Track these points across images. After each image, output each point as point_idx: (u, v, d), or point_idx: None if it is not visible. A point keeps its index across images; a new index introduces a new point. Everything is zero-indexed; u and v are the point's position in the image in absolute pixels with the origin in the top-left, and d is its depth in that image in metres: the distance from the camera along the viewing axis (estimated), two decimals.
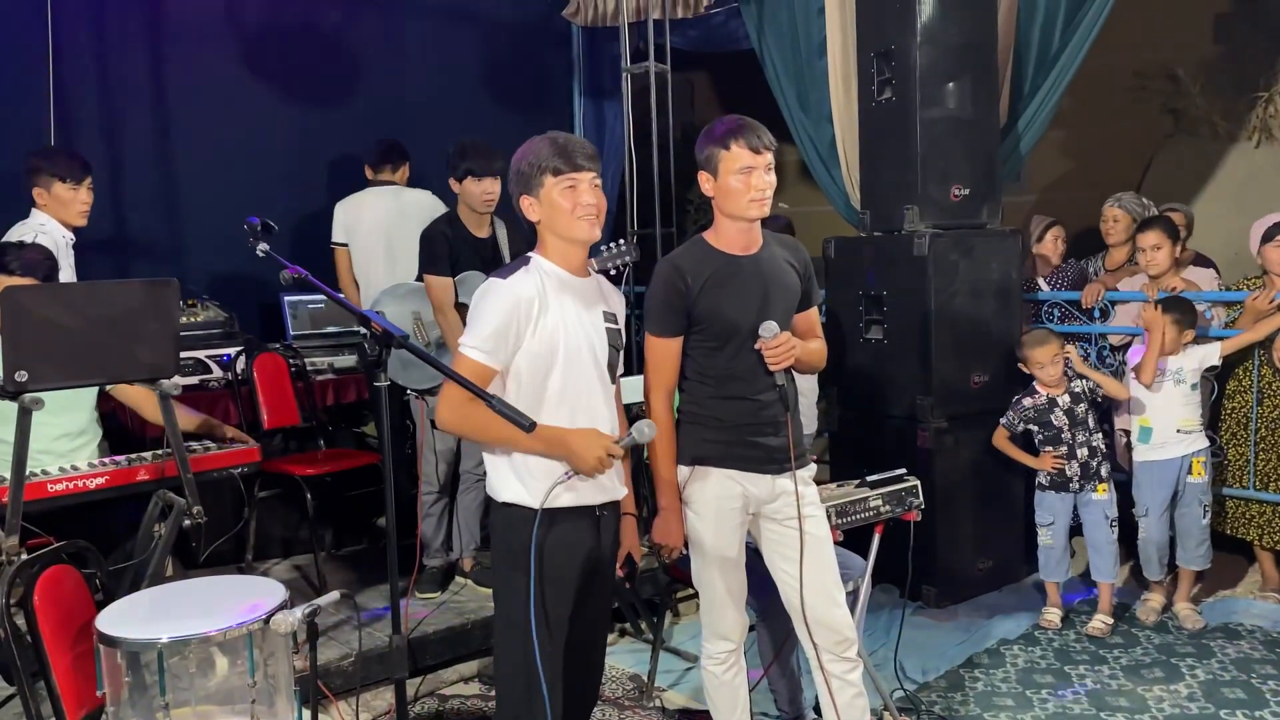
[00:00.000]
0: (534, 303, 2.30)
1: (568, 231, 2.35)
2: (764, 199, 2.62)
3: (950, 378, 4.37)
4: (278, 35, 5.57)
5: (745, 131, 2.60)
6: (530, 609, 2.26)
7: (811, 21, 5.28)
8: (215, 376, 4.53)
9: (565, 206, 2.32)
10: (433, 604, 4.09)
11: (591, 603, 2.49)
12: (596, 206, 2.35)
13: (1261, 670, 3.68)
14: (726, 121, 2.64)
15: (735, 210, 2.64)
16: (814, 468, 2.90)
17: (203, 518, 2.86)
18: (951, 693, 3.62)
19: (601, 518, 2.45)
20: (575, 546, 2.39)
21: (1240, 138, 6.62)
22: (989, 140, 4.52)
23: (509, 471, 2.36)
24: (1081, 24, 4.53)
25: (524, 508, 2.33)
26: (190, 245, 5.27)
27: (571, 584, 2.39)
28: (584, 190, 2.33)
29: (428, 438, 4.10)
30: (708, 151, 2.64)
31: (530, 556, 2.27)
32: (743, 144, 2.59)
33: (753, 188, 2.59)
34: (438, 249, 3.97)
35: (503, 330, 2.27)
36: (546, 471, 2.32)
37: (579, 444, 2.29)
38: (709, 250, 2.70)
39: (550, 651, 2.34)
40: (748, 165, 2.58)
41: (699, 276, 2.65)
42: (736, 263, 2.68)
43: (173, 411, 2.87)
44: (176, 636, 2.21)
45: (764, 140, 2.61)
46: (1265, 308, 4.16)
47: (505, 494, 2.37)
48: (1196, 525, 4.08)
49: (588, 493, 2.38)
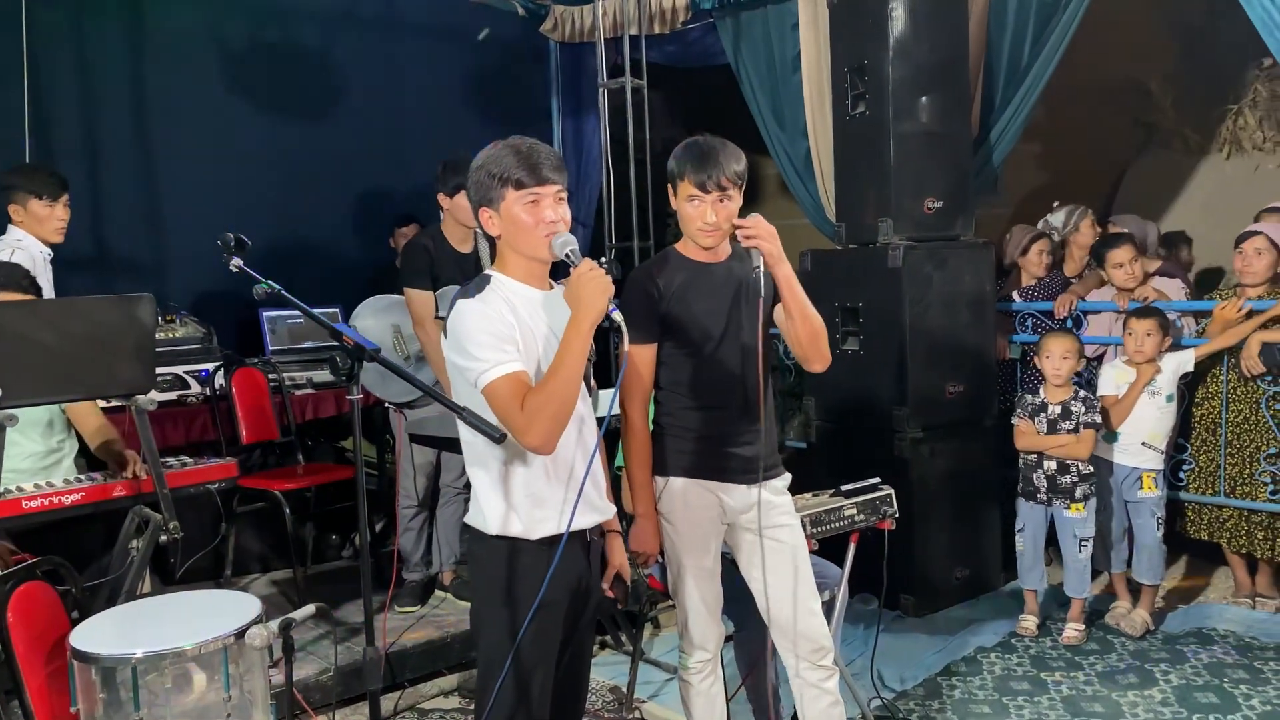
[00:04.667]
0: (506, 318, 2.18)
1: (530, 250, 2.20)
2: (711, 229, 2.59)
3: (925, 388, 4.41)
4: (259, 51, 5.60)
5: (700, 168, 2.54)
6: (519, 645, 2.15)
7: (786, 37, 5.34)
8: (194, 392, 4.53)
9: (528, 223, 2.17)
10: (412, 617, 4.09)
11: (581, 629, 2.39)
12: (561, 222, 2.20)
13: (1234, 675, 3.72)
14: (693, 148, 2.59)
15: (688, 233, 2.67)
16: (788, 477, 2.92)
17: (179, 533, 2.86)
18: (929, 701, 3.64)
19: (592, 543, 2.36)
20: (565, 574, 2.24)
21: (1211, 150, 6.72)
22: (961, 153, 4.57)
23: (500, 501, 2.21)
24: (1050, 38, 4.60)
25: (518, 539, 2.20)
26: (169, 261, 5.28)
27: (561, 614, 2.27)
28: (548, 205, 2.17)
29: (406, 451, 4.11)
30: (670, 169, 2.65)
31: (516, 589, 2.17)
32: (691, 180, 2.56)
33: (699, 217, 2.59)
34: (419, 262, 3.98)
35: (501, 334, 2.12)
36: (541, 500, 2.21)
37: (585, 290, 2.11)
38: (680, 259, 2.72)
39: (541, 687, 2.24)
40: (694, 197, 2.58)
41: (670, 282, 2.66)
42: (705, 270, 2.70)
43: (149, 427, 2.87)
44: (151, 652, 2.21)
45: (714, 179, 2.53)
46: (1233, 316, 4.22)
47: (495, 525, 2.21)
48: (1151, 537, 4.12)
49: (580, 517, 2.21)
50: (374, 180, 6.04)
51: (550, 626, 2.25)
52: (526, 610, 2.17)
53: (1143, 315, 4.15)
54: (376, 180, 6.05)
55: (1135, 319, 4.15)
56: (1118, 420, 4.13)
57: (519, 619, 2.17)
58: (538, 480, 2.22)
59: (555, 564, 2.16)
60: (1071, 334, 4.28)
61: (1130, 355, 4.15)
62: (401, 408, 4.12)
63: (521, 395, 2.08)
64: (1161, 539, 4.15)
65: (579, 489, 2.20)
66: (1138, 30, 6.41)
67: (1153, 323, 4.10)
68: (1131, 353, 4.13)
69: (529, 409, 2.07)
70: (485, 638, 2.28)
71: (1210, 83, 6.56)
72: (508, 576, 2.21)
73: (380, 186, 6.08)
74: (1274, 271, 4.23)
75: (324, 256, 5.85)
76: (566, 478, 2.25)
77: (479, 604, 2.31)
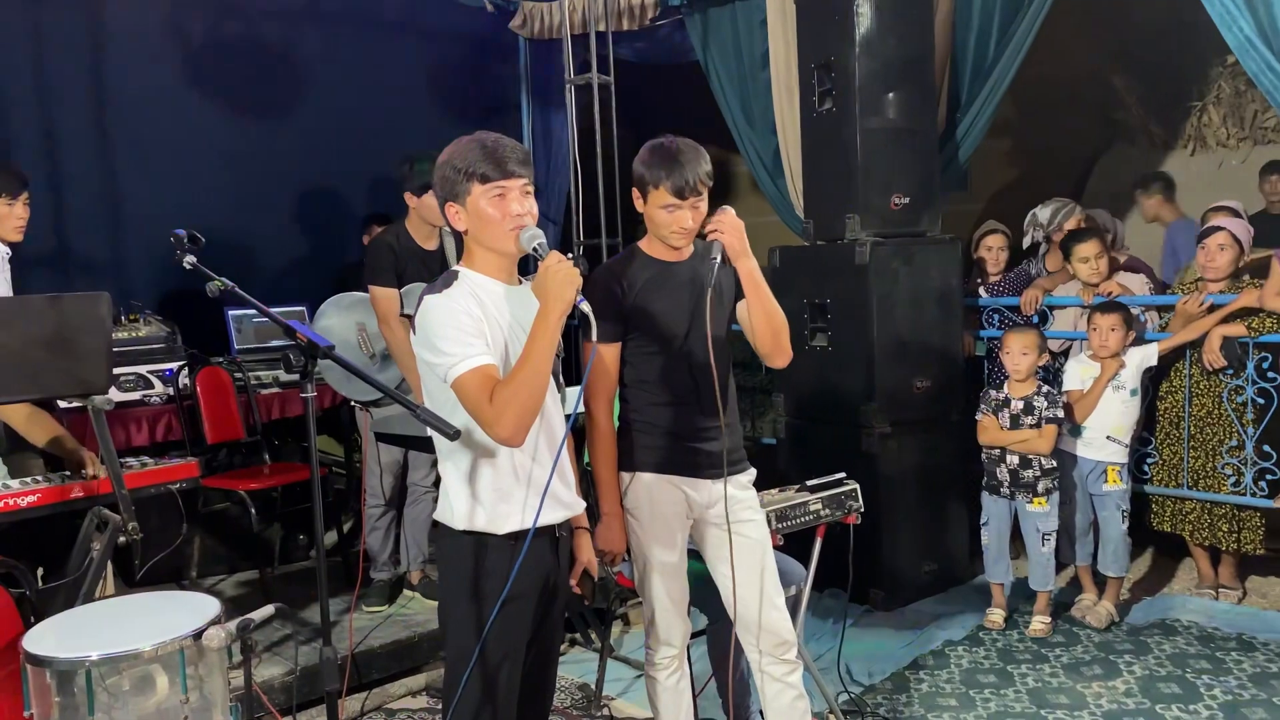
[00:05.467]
0: (473, 312, 2.18)
1: (497, 244, 2.20)
2: (685, 233, 2.62)
3: (893, 384, 4.43)
4: (221, 47, 5.53)
5: (675, 174, 2.54)
6: (485, 640, 2.15)
7: (754, 33, 5.35)
8: (157, 391, 4.48)
9: (494, 217, 2.16)
10: (380, 617, 4.06)
11: (548, 626, 2.38)
12: (528, 216, 2.19)
13: (1196, 665, 3.76)
14: (662, 153, 2.58)
15: (659, 237, 2.68)
16: (753, 472, 2.92)
17: (138, 534, 2.82)
18: (896, 694, 3.66)
19: (560, 539, 2.36)
20: (533, 570, 2.24)
21: (1176, 146, 6.79)
22: (928, 149, 4.59)
23: (468, 496, 2.21)
24: (1015, 35, 4.63)
25: (484, 534, 2.20)
26: (133, 259, 5.21)
27: (529, 610, 2.27)
28: (514, 199, 2.17)
29: (372, 450, 4.08)
30: (639, 175, 2.63)
31: (483, 584, 2.18)
32: (668, 187, 2.56)
33: (675, 223, 2.60)
34: (383, 260, 3.95)
35: (469, 328, 2.11)
36: (508, 495, 2.21)
37: (553, 282, 2.10)
38: (644, 258, 2.73)
39: (507, 683, 2.24)
40: (672, 205, 2.58)
41: (634, 282, 2.67)
42: (670, 269, 2.71)
43: (106, 428, 2.83)
44: (106, 654, 2.18)
45: (691, 184, 2.54)
46: (1196, 311, 4.26)
47: (462, 520, 2.21)
48: (1117, 530, 4.16)
49: (547, 513, 2.21)
50: (341, 177, 5.99)
51: (517, 622, 2.25)
52: (493, 606, 2.17)
53: (1107, 310, 4.18)
54: (344, 177, 6.00)
55: (1099, 314, 4.18)
56: (1082, 415, 4.16)
57: (486, 615, 2.17)
58: (505, 476, 2.22)
59: (521, 558, 2.16)
60: (1032, 329, 4.30)
61: (1095, 350, 4.18)
62: (367, 406, 4.09)
63: (490, 388, 2.07)
64: (1126, 532, 4.19)
65: (545, 484, 2.20)
66: (1103, 27, 6.47)
67: (1117, 318, 4.13)
68: (1096, 348, 4.16)
69: (498, 401, 2.06)
70: (452, 633, 2.28)
71: (1175, 80, 6.63)
72: (474, 572, 2.21)
73: (348, 183, 6.04)
74: (1236, 267, 4.28)
75: (290, 254, 5.81)
76: (534, 473, 2.24)
77: (446, 600, 2.31)
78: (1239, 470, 4.23)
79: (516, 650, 2.26)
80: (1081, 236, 4.64)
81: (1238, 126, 6.54)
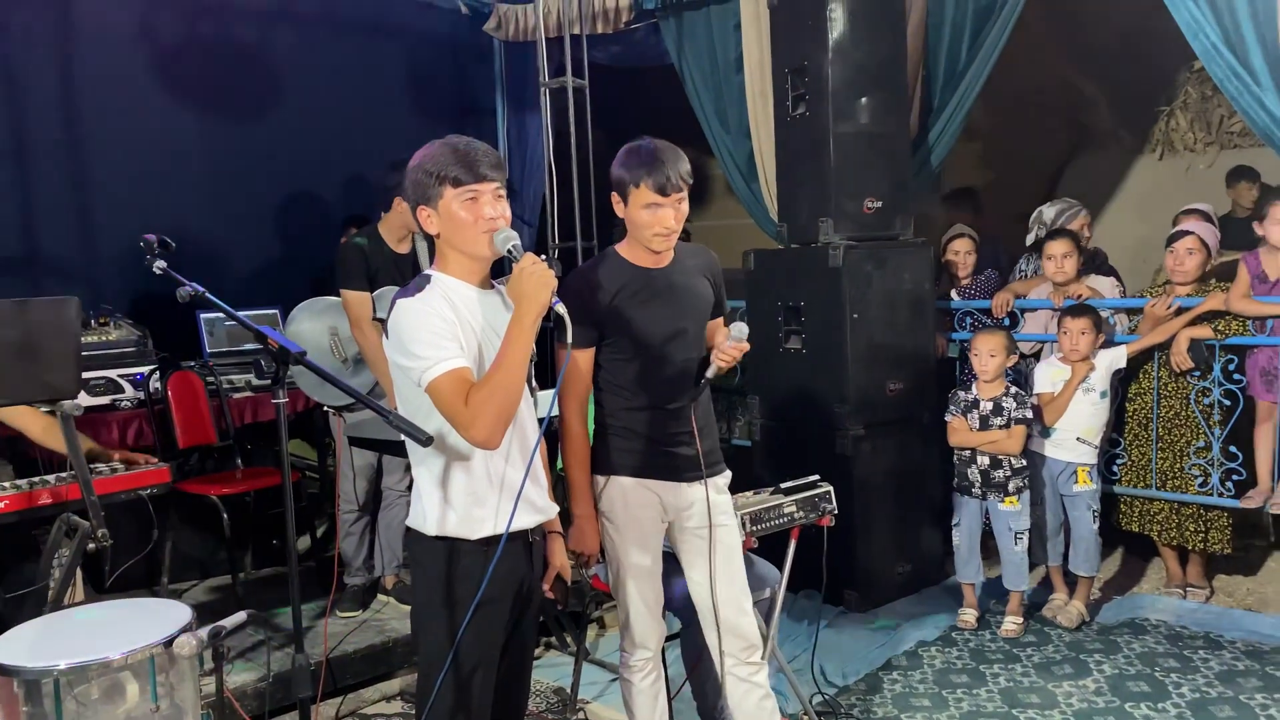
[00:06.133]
0: (446, 315, 2.17)
1: (470, 247, 2.19)
2: (668, 234, 2.62)
3: (866, 386, 4.45)
4: (193, 48, 5.48)
5: (656, 171, 2.55)
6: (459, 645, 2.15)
7: (728, 37, 5.37)
8: (128, 395, 4.44)
9: (466, 220, 2.15)
10: (354, 622, 4.05)
11: (522, 630, 2.38)
12: (501, 219, 2.19)
13: (1165, 664, 3.81)
14: (642, 153, 2.59)
15: (641, 240, 2.67)
16: (729, 475, 2.94)
17: (108, 541, 2.79)
18: (870, 695, 3.68)
19: (534, 544, 2.36)
20: (507, 575, 2.24)
21: (1144, 150, 6.89)
22: (900, 154, 4.63)
23: (440, 502, 2.20)
24: (986, 41, 4.67)
25: (457, 539, 2.19)
26: (103, 262, 5.15)
27: (503, 615, 2.26)
28: (486, 202, 2.16)
29: (345, 455, 4.06)
30: (618, 177, 2.63)
31: (455, 590, 2.17)
32: (650, 185, 2.56)
33: (658, 223, 2.60)
34: (355, 264, 3.93)
35: (442, 331, 2.10)
36: (481, 500, 2.20)
37: (528, 284, 2.11)
38: (621, 263, 2.73)
39: (482, 688, 2.24)
40: (654, 203, 2.59)
41: (609, 290, 2.67)
42: (648, 275, 2.71)
43: (74, 433, 2.80)
44: (74, 663, 2.16)
45: (673, 180, 2.56)
46: (1163, 313, 4.32)
47: (434, 526, 2.21)
48: (1088, 530, 4.21)
49: (520, 517, 2.21)
50: (315, 180, 5.96)
51: (491, 627, 2.24)
52: (466, 611, 2.16)
53: (1077, 314, 4.22)
54: (317, 180, 5.96)
55: (1070, 317, 4.22)
56: (1053, 417, 4.20)
57: (459, 620, 2.17)
58: (478, 480, 2.22)
59: (495, 562, 2.16)
60: (1001, 330, 4.33)
61: (1066, 353, 4.22)
62: (340, 411, 4.07)
63: (465, 391, 2.07)
64: (1097, 531, 4.23)
65: (519, 489, 2.20)
66: (1073, 33, 6.54)
67: (1087, 321, 4.18)
68: (1067, 350, 4.21)
69: (473, 404, 2.05)
70: (425, 639, 2.27)
71: (1143, 85, 6.72)
72: (448, 577, 2.20)
73: (321, 186, 6.00)
74: (1204, 270, 4.34)
75: (263, 256, 5.77)
76: (507, 478, 2.24)
77: (419, 605, 2.30)
78: (1206, 471, 4.29)
79: (490, 655, 2.26)
80: (1053, 235, 4.68)
81: (1204, 131, 6.64)
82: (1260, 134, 3.95)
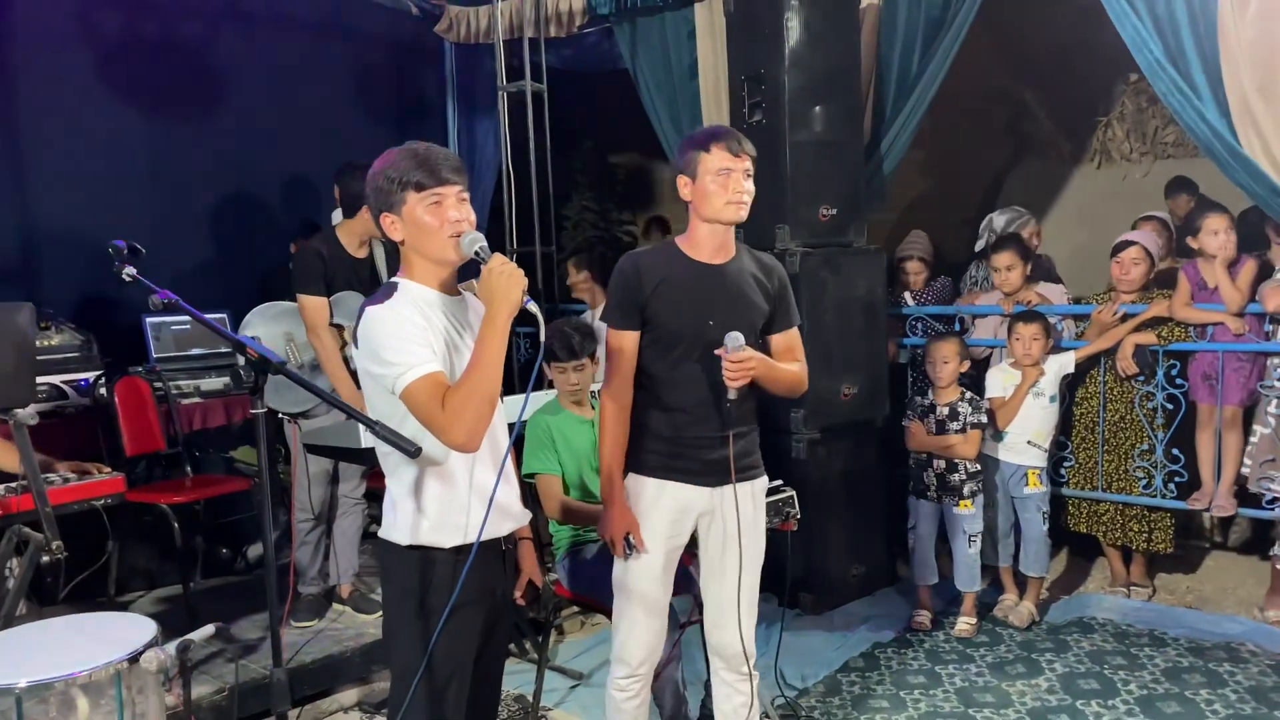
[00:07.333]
0: (417, 320, 2.13)
1: (436, 252, 2.16)
2: (740, 201, 2.61)
3: (821, 391, 4.49)
4: (137, 48, 5.35)
5: (725, 136, 2.61)
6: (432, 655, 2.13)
7: (683, 44, 5.40)
8: (72, 402, 4.32)
9: (432, 224, 2.13)
10: (310, 632, 3.98)
11: (494, 639, 2.36)
12: (465, 221, 2.16)
13: (1113, 661, 3.91)
14: (701, 131, 2.68)
15: (711, 213, 2.62)
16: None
17: (63, 553, 2.72)
18: (829, 697, 3.72)
19: (506, 551, 2.35)
20: (480, 583, 2.21)
21: (1083, 160, 7.07)
22: (854, 162, 4.69)
23: (413, 511, 2.18)
24: (938, 51, 4.75)
25: (430, 549, 2.17)
26: (44, 265, 5.01)
27: (477, 623, 2.24)
28: (450, 205, 2.14)
29: (300, 463, 3.99)
30: (687, 155, 2.63)
31: (429, 600, 2.15)
32: (722, 147, 2.58)
33: (730, 189, 2.59)
34: (312, 268, 3.87)
35: (414, 336, 2.08)
36: (454, 508, 2.18)
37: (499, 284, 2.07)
38: (675, 253, 2.69)
39: (455, 699, 2.21)
40: (725, 167, 2.58)
41: (654, 277, 2.63)
42: (698, 269, 2.67)
43: (28, 443, 2.72)
44: (36, 680, 2.10)
45: (744, 146, 2.61)
46: (1109, 320, 4.44)
47: (407, 535, 2.18)
48: (1038, 531, 4.31)
49: (493, 525, 2.18)
50: (261, 182, 5.86)
51: (464, 636, 2.22)
52: (439, 620, 2.14)
53: (1028, 320, 4.32)
54: (264, 182, 5.87)
55: (1021, 323, 4.32)
56: (1005, 421, 4.29)
57: (432, 629, 2.14)
58: (451, 489, 2.20)
59: (467, 570, 2.13)
60: (954, 337, 4.43)
61: (1018, 359, 4.32)
62: (295, 418, 4.01)
63: (441, 395, 2.04)
64: (1047, 533, 4.33)
65: (491, 496, 2.18)
66: (1016, 45, 6.69)
67: (1037, 327, 4.28)
68: (1020, 356, 4.30)
69: (450, 407, 2.03)
70: (398, 650, 2.24)
71: (1081, 96, 6.90)
72: (420, 588, 2.18)
73: (268, 188, 5.91)
74: (1148, 279, 4.48)
75: (208, 259, 5.65)
76: (479, 484, 2.22)
77: (392, 615, 2.27)
78: (1150, 473, 4.42)
79: (465, 665, 2.24)
80: (1000, 246, 4.79)
81: (1140, 141, 6.83)
82: (1202, 146, 4.08)
